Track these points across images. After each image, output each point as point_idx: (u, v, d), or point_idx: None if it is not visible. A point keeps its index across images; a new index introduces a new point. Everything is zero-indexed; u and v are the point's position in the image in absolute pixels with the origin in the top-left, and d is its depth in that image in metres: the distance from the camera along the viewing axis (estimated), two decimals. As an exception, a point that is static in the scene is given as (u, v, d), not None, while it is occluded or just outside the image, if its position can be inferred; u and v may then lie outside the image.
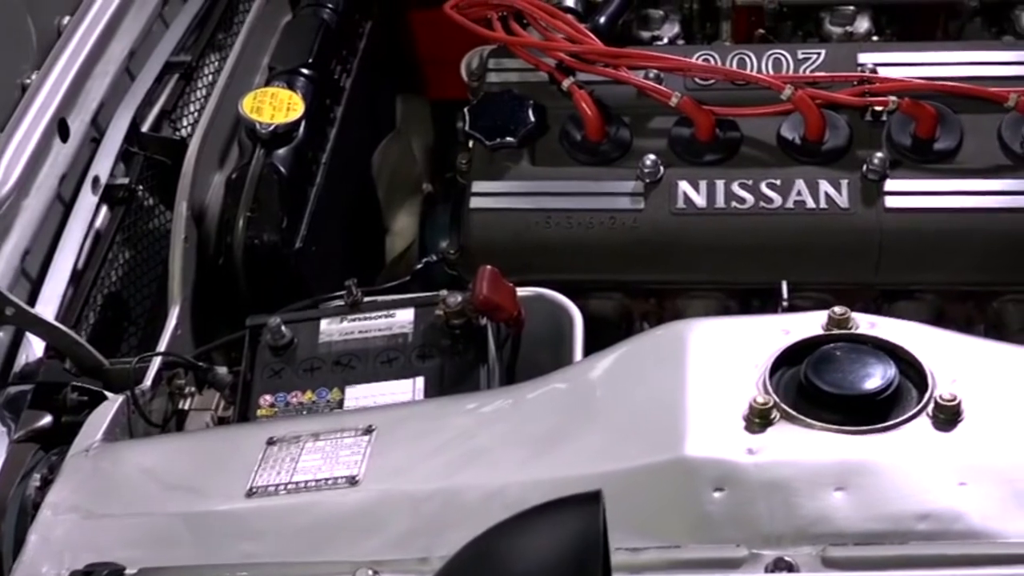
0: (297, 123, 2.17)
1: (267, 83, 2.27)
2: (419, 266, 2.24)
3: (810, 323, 1.56)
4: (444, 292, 1.87)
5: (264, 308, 1.99)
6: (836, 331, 1.54)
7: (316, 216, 2.20)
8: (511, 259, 2.14)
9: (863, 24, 2.50)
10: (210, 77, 2.50)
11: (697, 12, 2.59)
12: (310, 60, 2.31)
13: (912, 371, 1.47)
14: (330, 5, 2.47)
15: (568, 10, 2.46)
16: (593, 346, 2.22)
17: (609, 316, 2.26)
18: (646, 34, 2.54)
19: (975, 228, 2.07)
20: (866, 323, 1.55)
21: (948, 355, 1.50)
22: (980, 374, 1.47)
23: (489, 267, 1.83)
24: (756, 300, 2.23)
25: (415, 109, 2.76)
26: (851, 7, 2.49)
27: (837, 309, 1.55)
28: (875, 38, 2.46)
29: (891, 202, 2.09)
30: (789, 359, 1.51)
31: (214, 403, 1.94)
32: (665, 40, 2.51)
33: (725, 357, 1.53)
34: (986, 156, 2.14)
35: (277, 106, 2.17)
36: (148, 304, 2.21)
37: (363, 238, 2.49)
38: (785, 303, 2.10)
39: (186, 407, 1.94)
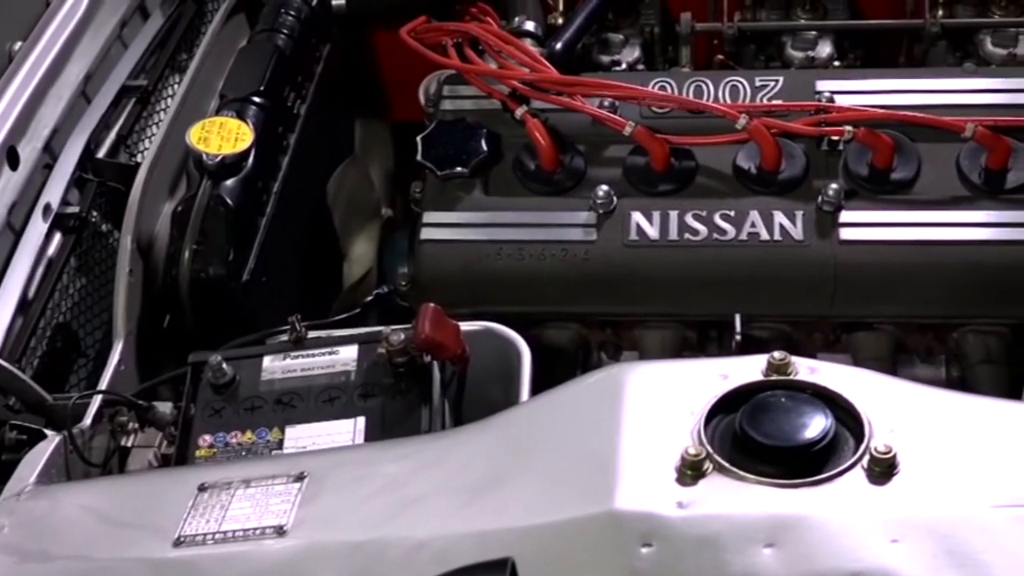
0: (245, 153, 2.14)
1: (217, 111, 2.24)
2: (369, 298, 2.21)
3: (749, 368, 1.53)
4: (387, 329, 1.84)
5: (211, 342, 1.96)
6: (775, 377, 1.51)
7: (266, 246, 2.17)
8: (462, 291, 2.13)
9: (825, 49, 2.47)
10: (169, 101, 2.48)
11: (658, 36, 2.56)
12: (261, 88, 2.27)
13: (850, 420, 1.44)
14: (285, 31, 2.43)
15: (527, 34, 2.45)
16: (549, 376, 2.20)
17: (565, 346, 2.24)
18: (606, 58, 2.52)
19: (931, 261, 2.04)
20: (806, 368, 1.52)
21: (888, 403, 1.46)
22: (919, 423, 1.44)
23: (432, 305, 1.80)
24: (713, 331, 2.20)
25: (375, 133, 2.74)
26: (812, 32, 2.46)
27: (776, 355, 1.52)
28: (837, 63, 2.43)
29: (846, 234, 2.06)
30: (726, 406, 1.48)
31: (157, 440, 1.91)
32: (624, 65, 2.48)
33: (662, 404, 1.50)
34: (944, 186, 2.11)
35: (225, 136, 2.13)
36: (100, 335, 2.18)
37: (319, 265, 2.46)
38: (738, 336, 2.08)
39: (129, 444, 1.90)
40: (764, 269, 2.07)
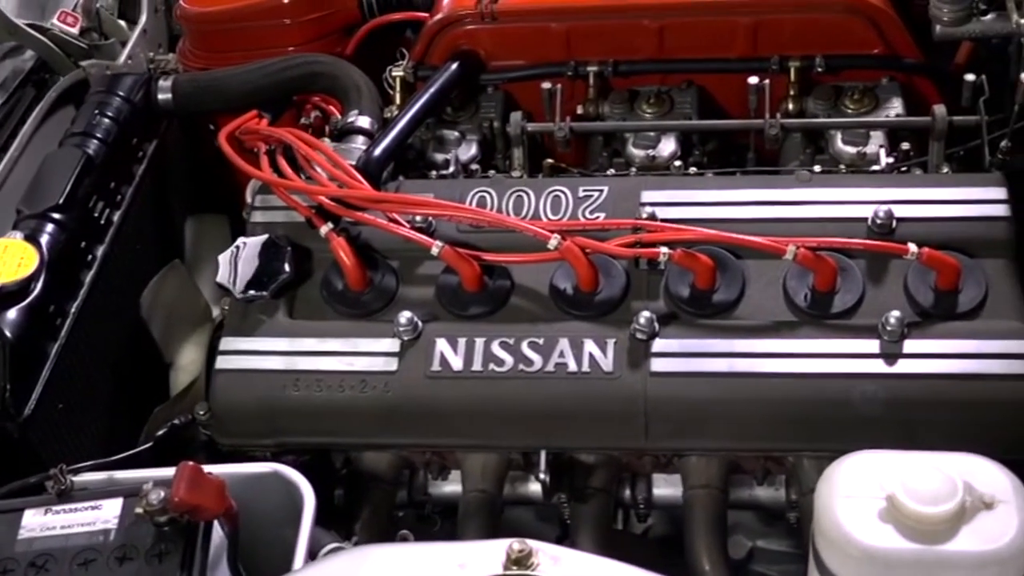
0: (30, 279, 2.03)
1: (13, 228, 2.13)
2: (162, 431, 2.09)
3: (489, 557, 1.42)
4: (148, 484, 1.72)
5: (-6, 484, 1.86)
6: (514, 570, 1.40)
7: (62, 372, 2.06)
8: (260, 424, 2.03)
9: (668, 147, 2.35)
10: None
11: (499, 131, 2.44)
12: (60, 202, 2.16)
13: (584, 623, 1.34)
14: (99, 134, 2.31)
15: (360, 131, 2.33)
16: (363, 505, 2.11)
17: (384, 472, 2.13)
18: (440, 157, 2.40)
19: (747, 396, 1.91)
20: (548, 559, 1.41)
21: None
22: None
23: (190, 464, 1.68)
24: (536, 454, 2.09)
25: (210, 229, 2.61)
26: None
27: (515, 545, 1.41)
28: (678, 163, 2.31)
29: (658, 365, 1.93)
30: (455, 604, 1.37)
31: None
32: (453, 166, 2.36)
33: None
34: (768, 310, 1.98)
35: (7, 262, 2.02)
36: None
37: (140, 379, 2.34)
38: (543, 476, 1.98)
39: None
40: (571, 403, 1.94)
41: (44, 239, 2.11)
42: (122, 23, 2.76)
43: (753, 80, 2.30)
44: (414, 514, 2.24)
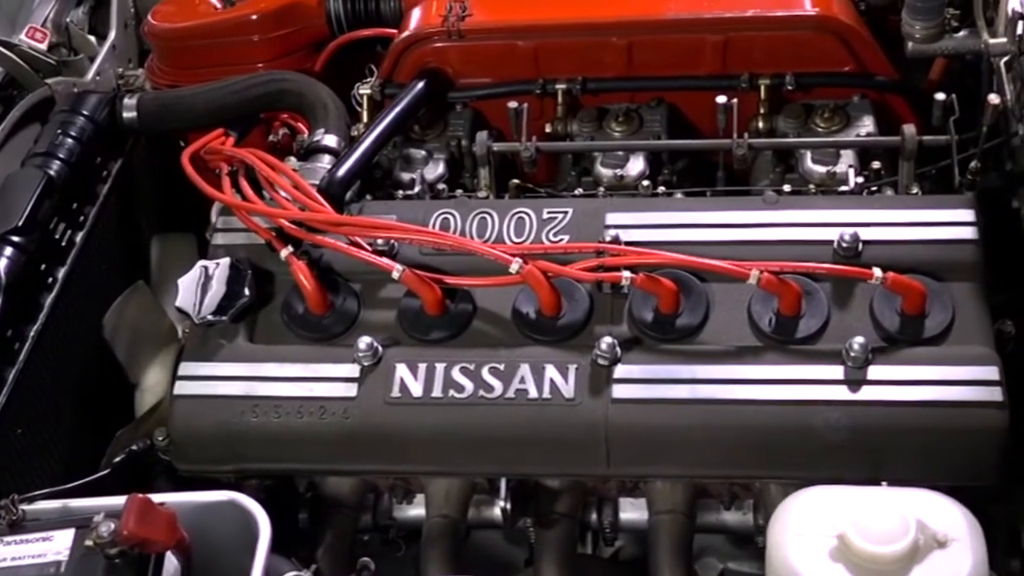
0: (-17, 304, 2.01)
1: (-31, 251, 2.11)
2: (120, 458, 2.07)
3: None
4: (99, 517, 1.70)
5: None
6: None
7: (20, 398, 2.05)
8: (219, 450, 2.01)
9: (636, 166, 2.32)
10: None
11: (467, 149, 2.41)
12: (19, 224, 2.14)
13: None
14: (61, 155, 2.28)
15: (326, 150, 2.31)
16: (326, 530, 2.09)
17: (347, 497, 2.12)
18: (407, 176, 2.37)
19: (709, 423, 1.89)
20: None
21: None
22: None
23: (140, 496, 1.67)
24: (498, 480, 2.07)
25: (177, 248, 2.58)
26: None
27: (464, 585, 1.39)
28: (646, 183, 2.28)
29: (619, 392, 1.91)
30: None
31: None
32: (418, 186, 2.34)
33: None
34: (732, 334, 1.96)
35: (-35, 287, 2.01)
36: None
37: (103, 401, 2.32)
38: (504, 504, 1.96)
39: None
40: (531, 430, 1.92)
41: (2, 263, 2.09)
42: (92, 38, 2.73)
43: (721, 99, 2.26)
44: (379, 538, 2.23)
